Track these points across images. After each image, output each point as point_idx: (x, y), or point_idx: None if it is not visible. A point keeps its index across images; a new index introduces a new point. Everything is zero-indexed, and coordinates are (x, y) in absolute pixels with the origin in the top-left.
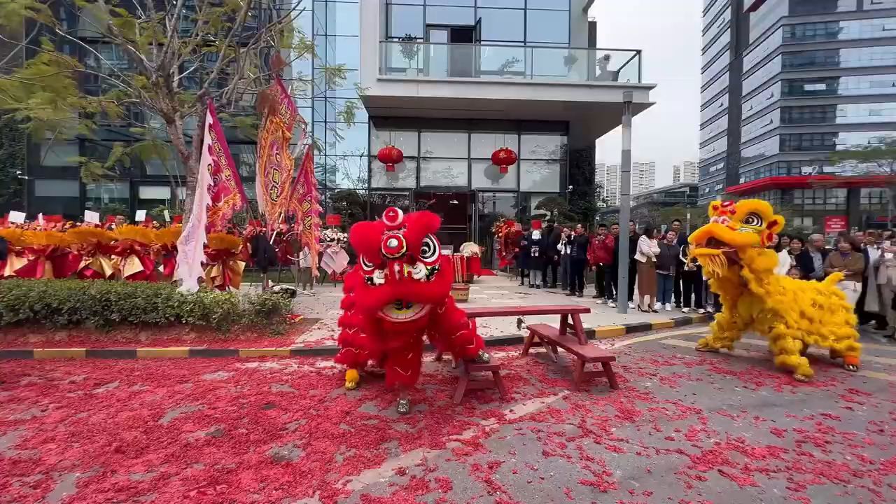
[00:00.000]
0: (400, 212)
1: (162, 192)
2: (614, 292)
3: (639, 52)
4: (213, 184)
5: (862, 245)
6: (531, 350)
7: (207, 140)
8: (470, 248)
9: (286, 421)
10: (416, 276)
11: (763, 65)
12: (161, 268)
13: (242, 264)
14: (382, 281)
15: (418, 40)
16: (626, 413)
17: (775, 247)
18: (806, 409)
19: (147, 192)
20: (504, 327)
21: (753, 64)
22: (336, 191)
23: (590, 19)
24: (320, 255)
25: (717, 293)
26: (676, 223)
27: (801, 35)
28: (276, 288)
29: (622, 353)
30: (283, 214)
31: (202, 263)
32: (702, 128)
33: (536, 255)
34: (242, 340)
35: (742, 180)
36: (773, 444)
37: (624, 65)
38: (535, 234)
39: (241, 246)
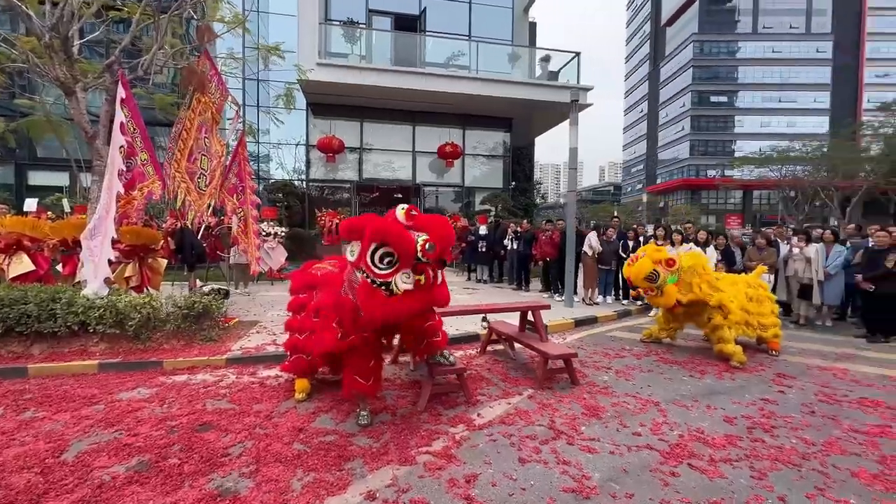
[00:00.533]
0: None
1: (57, 178)
2: (560, 287)
3: (577, 54)
4: (125, 169)
5: (774, 240)
6: (488, 348)
7: (120, 117)
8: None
9: (228, 444)
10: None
11: (677, 76)
12: (60, 267)
13: (164, 262)
14: (409, 286)
15: (361, 25)
16: (591, 410)
17: (703, 244)
18: (747, 395)
19: (38, 178)
20: (460, 325)
21: (669, 75)
22: (271, 181)
23: (530, 20)
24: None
25: None
26: (615, 220)
27: (708, 51)
28: (206, 288)
29: (575, 347)
30: (212, 206)
31: (110, 261)
32: (625, 131)
33: (483, 250)
34: (167, 350)
35: (659, 181)
36: (729, 432)
37: (564, 66)
38: (482, 230)
39: (162, 241)
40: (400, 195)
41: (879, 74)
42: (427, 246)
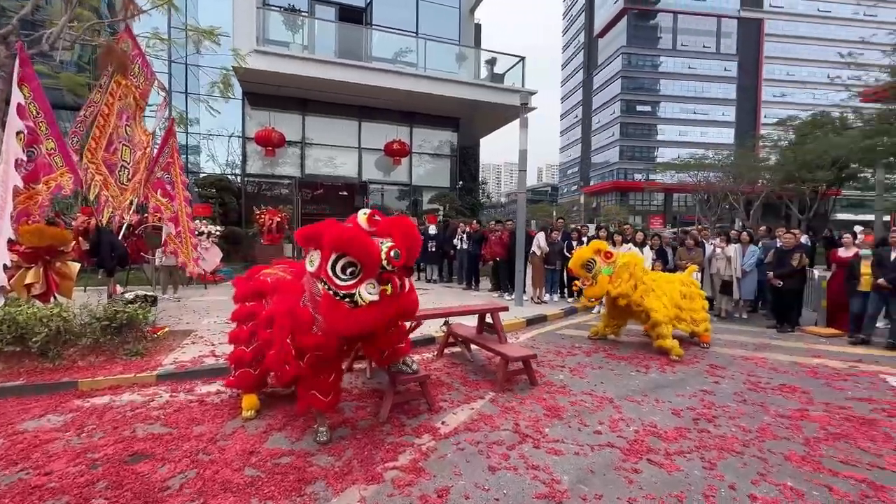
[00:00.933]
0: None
1: None
2: (509, 286)
3: (522, 58)
4: (25, 158)
5: (700, 241)
6: (445, 350)
7: (17, 98)
8: None
9: (166, 476)
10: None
11: (607, 85)
12: None
13: (76, 266)
14: (375, 297)
15: (303, 14)
16: (552, 410)
17: (640, 244)
18: (688, 388)
19: None
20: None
21: (601, 83)
22: (201, 175)
23: (475, 21)
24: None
25: None
26: (560, 221)
27: (635, 64)
28: (129, 295)
29: (528, 345)
30: (135, 202)
31: (6, 267)
32: (561, 134)
33: (433, 250)
34: (83, 368)
35: (592, 182)
36: (678, 425)
37: (509, 69)
38: (432, 230)
39: (73, 242)
40: (345, 193)
41: (777, 95)
42: (392, 253)
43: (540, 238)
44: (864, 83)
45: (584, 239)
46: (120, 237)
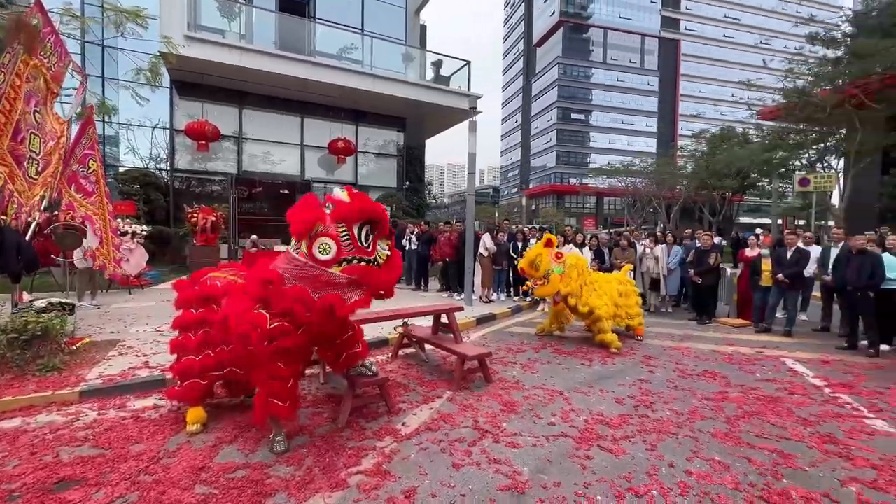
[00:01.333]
0: None
1: None
2: (458, 286)
3: (468, 62)
4: None
5: (632, 242)
6: (400, 352)
7: None
8: (289, 249)
9: (103, 502)
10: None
11: (545, 93)
12: None
13: None
14: (388, 252)
15: (240, 0)
16: (508, 406)
17: (580, 244)
18: (627, 377)
19: None
20: (368, 330)
21: (539, 90)
22: (121, 170)
23: (421, 22)
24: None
25: None
26: (506, 222)
27: (570, 74)
28: (41, 303)
29: (480, 344)
30: (46, 198)
31: None
32: (502, 138)
33: None
34: None
35: (531, 185)
36: (622, 412)
37: (455, 72)
38: None
39: None
40: (286, 191)
41: (691, 110)
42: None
43: (486, 239)
44: (763, 103)
45: (532, 241)
46: (28, 237)
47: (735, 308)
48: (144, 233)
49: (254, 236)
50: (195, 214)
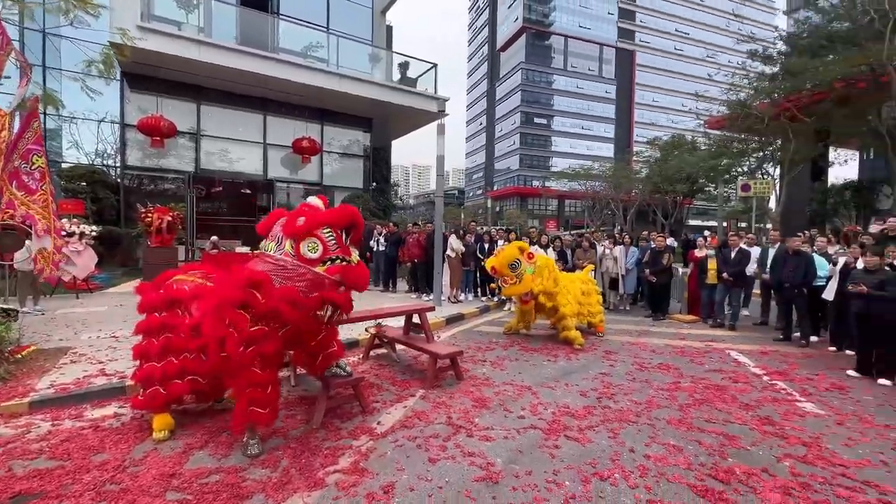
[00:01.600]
0: None
1: None
2: (426, 287)
3: (435, 65)
4: None
5: (593, 243)
6: (371, 353)
7: None
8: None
9: None
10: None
11: (509, 97)
12: None
13: None
14: (357, 257)
15: None
16: (479, 401)
17: (545, 245)
18: (590, 371)
19: None
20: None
21: (503, 94)
22: (63, 166)
23: (387, 23)
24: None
25: None
26: (472, 224)
27: (533, 79)
28: None
29: (451, 343)
30: None
31: None
32: (467, 140)
33: None
34: None
35: (496, 187)
36: (586, 404)
37: (422, 74)
38: None
39: None
40: (248, 191)
41: (646, 117)
42: None
43: (452, 240)
44: (710, 113)
45: (500, 242)
46: None
47: (686, 305)
48: (94, 233)
49: (214, 237)
50: (149, 214)
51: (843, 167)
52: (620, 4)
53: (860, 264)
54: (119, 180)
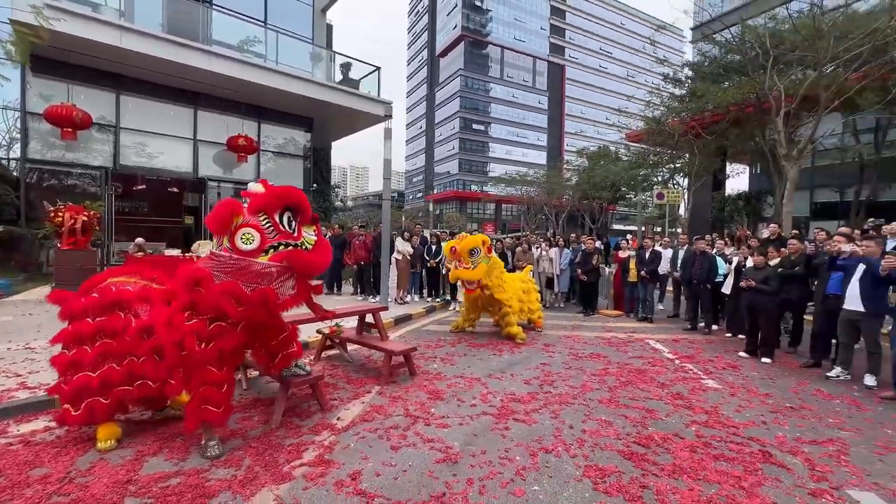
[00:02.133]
0: None
1: None
2: (372, 289)
3: (378, 68)
4: None
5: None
6: (323, 354)
7: None
8: (209, 248)
9: None
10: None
11: (448, 102)
12: None
13: None
14: (314, 237)
15: None
16: (434, 394)
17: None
18: (532, 363)
19: None
20: None
21: (443, 99)
22: None
23: (328, 21)
24: None
25: (452, 284)
26: (418, 227)
27: (471, 86)
28: None
29: (403, 341)
30: None
31: None
32: (407, 143)
33: None
34: None
35: (435, 191)
36: (530, 391)
37: (365, 76)
38: None
39: None
40: (175, 189)
41: (575, 130)
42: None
43: (399, 243)
44: (630, 128)
45: (444, 244)
46: None
47: (612, 301)
48: None
49: (140, 239)
50: (60, 213)
51: (737, 179)
52: (552, 21)
53: (749, 263)
54: (19, 175)
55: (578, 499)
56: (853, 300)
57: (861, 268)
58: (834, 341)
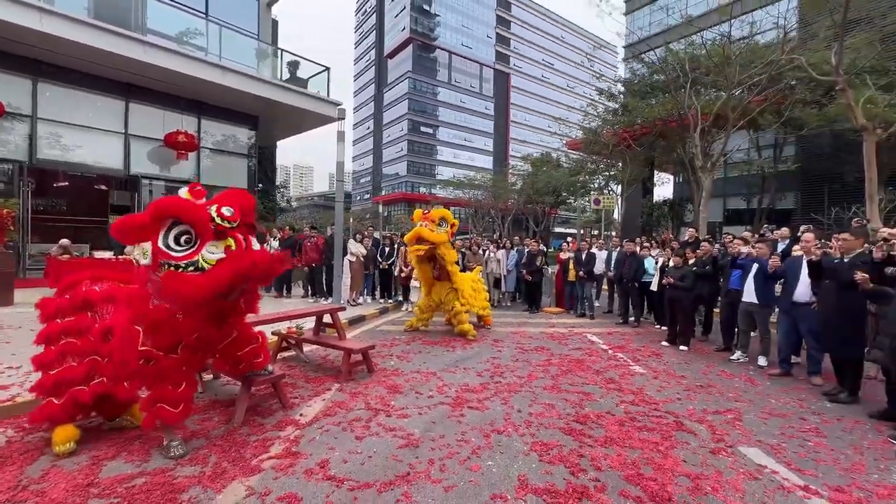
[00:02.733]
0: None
1: None
2: (324, 291)
3: (328, 68)
4: None
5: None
6: (279, 355)
7: None
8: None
9: None
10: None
11: (396, 104)
12: None
13: None
14: (220, 254)
15: None
16: (393, 388)
17: None
18: (483, 356)
19: None
20: None
21: (391, 101)
22: None
23: (273, 16)
24: None
25: (404, 285)
26: (370, 229)
27: (419, 89)
28: None
29: (360, 340)
30: None
31: None
32: (354, 143)
33: None
34: None
35: (384, 192)
36: (482, 381)
37: (314, 75)
38: None
39: None
40: (104, 187)
41: (520, 135)
42: (224, 210)
43: (352, 245)
44: (570, 137)
45: (396, 245)
46: None
47: (554, 299)
48: None
49: (65, 240)
50: None
51: (664, 187)
52: (497, 30)
53: (671, 263)
54: None
55: (527, 469)
56: (749, 293)
57: (755, 266)
58: (736, 329)
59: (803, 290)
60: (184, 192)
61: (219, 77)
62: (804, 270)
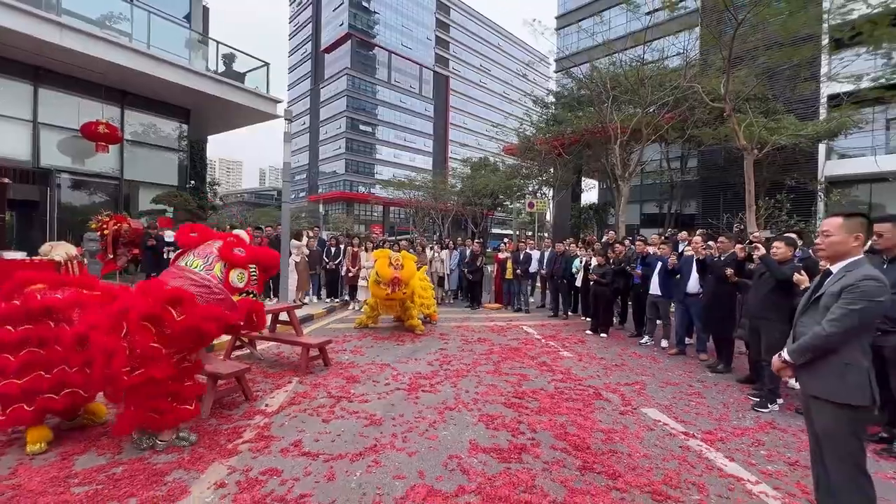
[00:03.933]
0: None
1: None
2: (270, 292)
3: (267, 64)
4: None
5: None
6: (233, 353)
7: None
8: (65, 250)
9: None
10: None
11: (334, 100)
12: None
13: None
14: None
15: None
16: (351, 379)
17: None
18: (431, 348)
19: None
20: None
21: (328, 97)
22: None
23: (204, 3)
24: None
25: (351, 285)
26: (316, 229)
27: (358, 86)
28: None
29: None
30: None
31: None
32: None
33: (173, 257)
34: None
35: (320, 191)
36: (432, 370)
37: (251, 70)
38: (169, 235)
39: None
40: (8, 181)
41: (459, 137)
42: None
43: (292, 246)
44: (506, 142)
45: (342, 247)
46: None
47: (493, 296)
48: None
49: None
50: None
51: (590, 193)
52: (437, 33)
53: (594, 262)
54: None
55: (476, 435)
56: (655, 287)
57: (659, 264)
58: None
59: (693, 283)
60: (244, 234)
61: (144, 65)
62: (694, 267)
